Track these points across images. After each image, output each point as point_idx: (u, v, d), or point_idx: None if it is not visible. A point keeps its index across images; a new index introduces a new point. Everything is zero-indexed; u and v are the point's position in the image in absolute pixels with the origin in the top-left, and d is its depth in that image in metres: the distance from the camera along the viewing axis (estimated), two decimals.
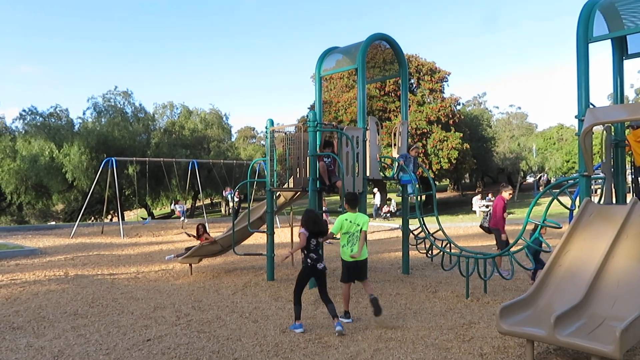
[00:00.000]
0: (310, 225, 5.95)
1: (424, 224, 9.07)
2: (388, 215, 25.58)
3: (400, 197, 9.97)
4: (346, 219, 6.13)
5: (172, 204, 23.12)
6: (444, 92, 29.35)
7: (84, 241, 16.49)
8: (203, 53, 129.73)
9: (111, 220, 30.57)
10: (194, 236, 10.05)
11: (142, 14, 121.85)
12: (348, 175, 8.48)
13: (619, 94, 7.52)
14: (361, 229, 6.06)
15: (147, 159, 22.53)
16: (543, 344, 5.05)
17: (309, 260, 5.91)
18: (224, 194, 28.58)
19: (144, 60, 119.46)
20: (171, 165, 26.15)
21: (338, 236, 6.33)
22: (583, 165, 6.42)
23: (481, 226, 10.20)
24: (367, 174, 9.07)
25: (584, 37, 6.46)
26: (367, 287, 6.27)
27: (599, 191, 7.91)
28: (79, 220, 19.76)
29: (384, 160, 10.90)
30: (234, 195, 18.64)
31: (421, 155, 25.68)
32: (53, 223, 31.92)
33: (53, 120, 29.91)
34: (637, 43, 7.42)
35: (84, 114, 32.88)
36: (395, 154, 9.79)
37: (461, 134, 27.05)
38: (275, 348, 5.27)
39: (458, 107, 31.30)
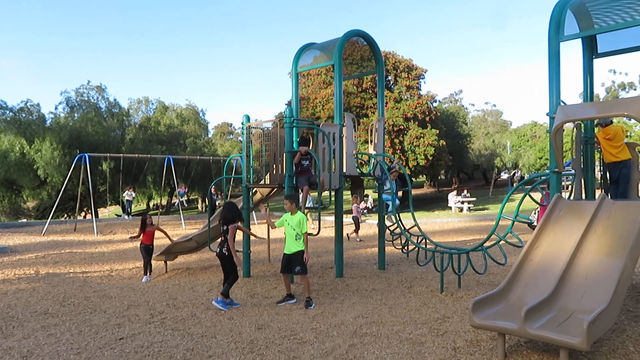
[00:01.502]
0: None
1: (400, 219, 9.14)
2: (365, 211, 25.70)
3: (377, 194, 10.03)
4: None
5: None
6: (420, 89, 29.58)
7: (56, 239, 16.14)
8: (179, 48, 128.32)
9: (84, 217, 29.99)
10: (135, 236, 9.38)
11: (116, 8, 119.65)
12: (325, 172, 8.49)
13: (589, 92, 7.70)
14: (293, 227, 6.86)
15: (121, 155, 22.09)
16: (514, 337, 5.15)
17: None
18: (179, 191, 26.36)
19: (119, 55, 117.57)
20: (146, 162, 25.76)
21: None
22: (554, 162, 6.55)
23: (530, 225, 10.26)
24: (344, 171, 9.11)
25: (556, 36, 6.58)
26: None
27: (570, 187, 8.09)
28: (51, 218, 19.32)
29: (361, 156, 10.93)
30: (188, 194, 18.21)
31: (398, 151, 25.89)
32: (24, 220, 31.13)
33: (24, 115, 29.09)
34: (606, 42, 7.61)
35: (56, 108, 32.16)
36: (372, 151, 9.83)
37: (437, 131, 27.32)
38: (250, 345, 5.25)
39: (434, 104, 31.60)
